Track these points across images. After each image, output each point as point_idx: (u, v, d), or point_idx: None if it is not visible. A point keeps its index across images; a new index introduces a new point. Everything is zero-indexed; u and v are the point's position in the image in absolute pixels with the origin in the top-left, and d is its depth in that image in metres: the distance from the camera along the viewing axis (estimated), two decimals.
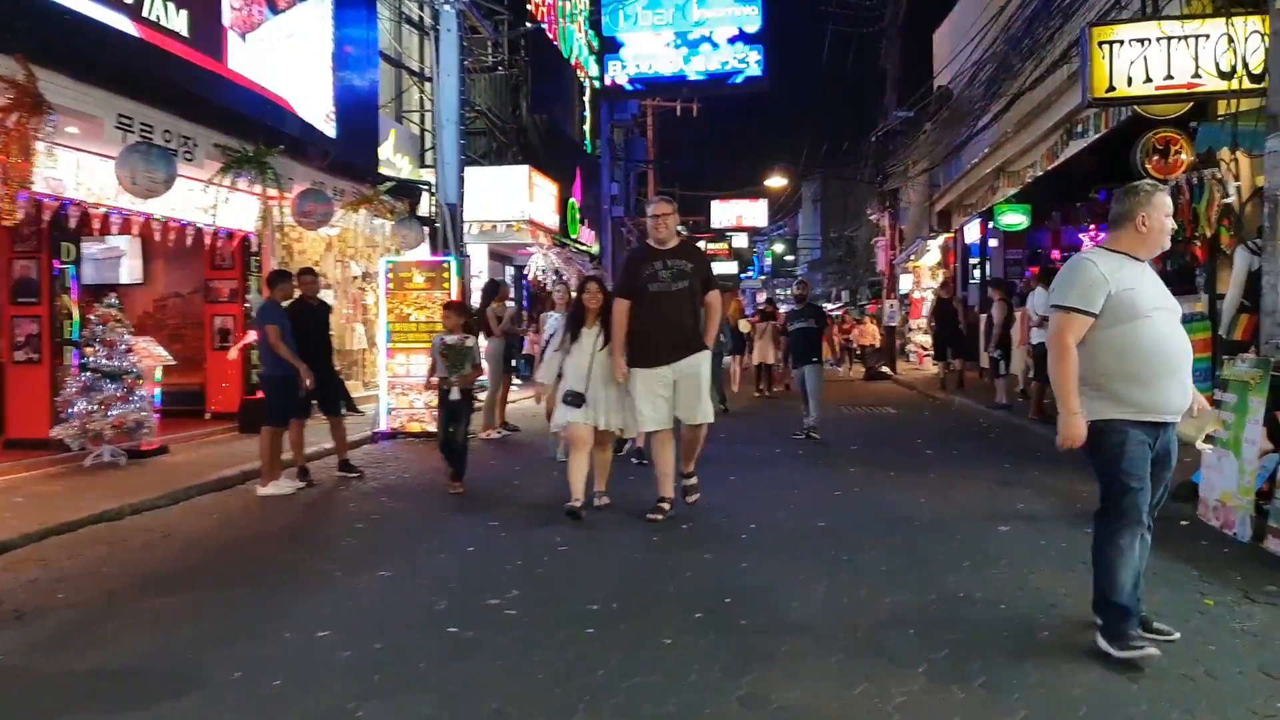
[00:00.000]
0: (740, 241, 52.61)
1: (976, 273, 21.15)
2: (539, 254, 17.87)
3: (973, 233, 20.05)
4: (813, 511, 6.37)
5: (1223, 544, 5.23)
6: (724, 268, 45.51)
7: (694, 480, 6.34)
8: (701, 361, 6.05)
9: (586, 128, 23.65)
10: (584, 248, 20.81)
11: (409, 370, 11.09)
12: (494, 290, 11.21)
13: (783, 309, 23.27)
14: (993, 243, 19.80)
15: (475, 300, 11.72)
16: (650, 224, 6.15)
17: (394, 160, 14.48)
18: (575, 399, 6.06)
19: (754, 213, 38.77)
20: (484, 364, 11.46)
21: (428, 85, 15.65)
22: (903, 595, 4.43)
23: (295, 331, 7.53)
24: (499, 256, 19.02)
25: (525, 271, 18.06)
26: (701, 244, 43.20)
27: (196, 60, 8.07)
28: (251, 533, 6.18)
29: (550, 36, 20.14)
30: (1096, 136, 11.35)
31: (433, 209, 11.30)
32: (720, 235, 41.21)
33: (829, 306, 36.04)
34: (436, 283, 11.00)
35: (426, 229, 11.45)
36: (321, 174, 10.06)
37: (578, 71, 22.48)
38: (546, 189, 16.97)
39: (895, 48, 22.06)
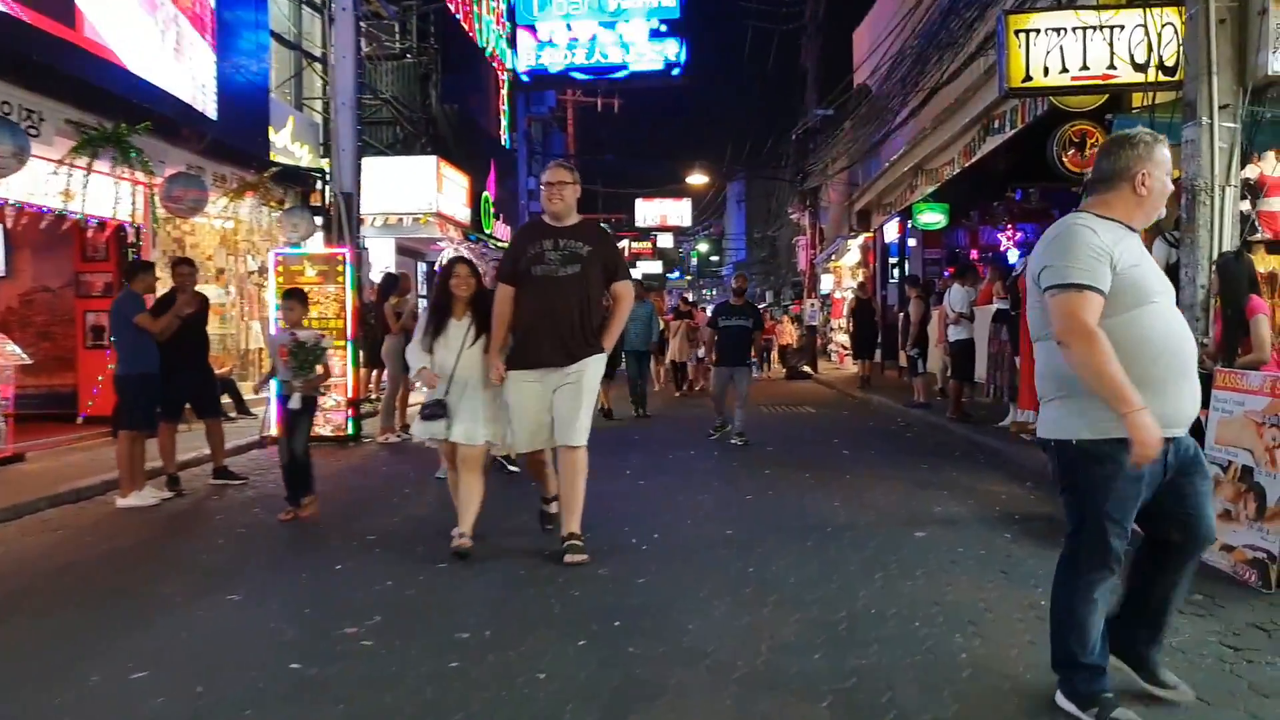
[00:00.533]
0: (666, 241, 52.34)
1: (896, 272, 21.18)
2: (449, 249, 17.18)
3: (892, 232, 20.05)
4: (722, 518, 5.95)
5: None
6: (649, 267, 45.15)
7: (579, 542, 4.86)
8: (588, 366, 4.92)
9: (505, 121, 23.03)
10: (500, 244, 20.15)
11: None
12: (393, 284, 10.57)
13: (708, 309, 23.05)
14: (911, 242, 19.83)
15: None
16: (544, 194, 5.03)
17: (292, 148, 13.69)
18: (434, 410, 4.97)
19: (678, 212, 38.55)
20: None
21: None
22: (810, 612, 4.02)
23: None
24: (408, 252, 18.28)
25: (436, 267, 17.37)
26: (624, 243, 43.03)
27: (41, 25, 7.27)
28: (97, 551, 5.48)
29: (465, 27, 19.48)
30: (1013, 132, 11.24)
31: (329, 198, 10.61)
32: (645, 234, 40.87)
33: None
34: (330, 276, 10.32)
35: (320, 219, 10.74)
36: (199, 157, 9.30)
37: (494, 64, 21.85)
38: (457, 181, 16.31)
39: (815, 45, 21.98)
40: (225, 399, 11.41)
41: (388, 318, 10.28)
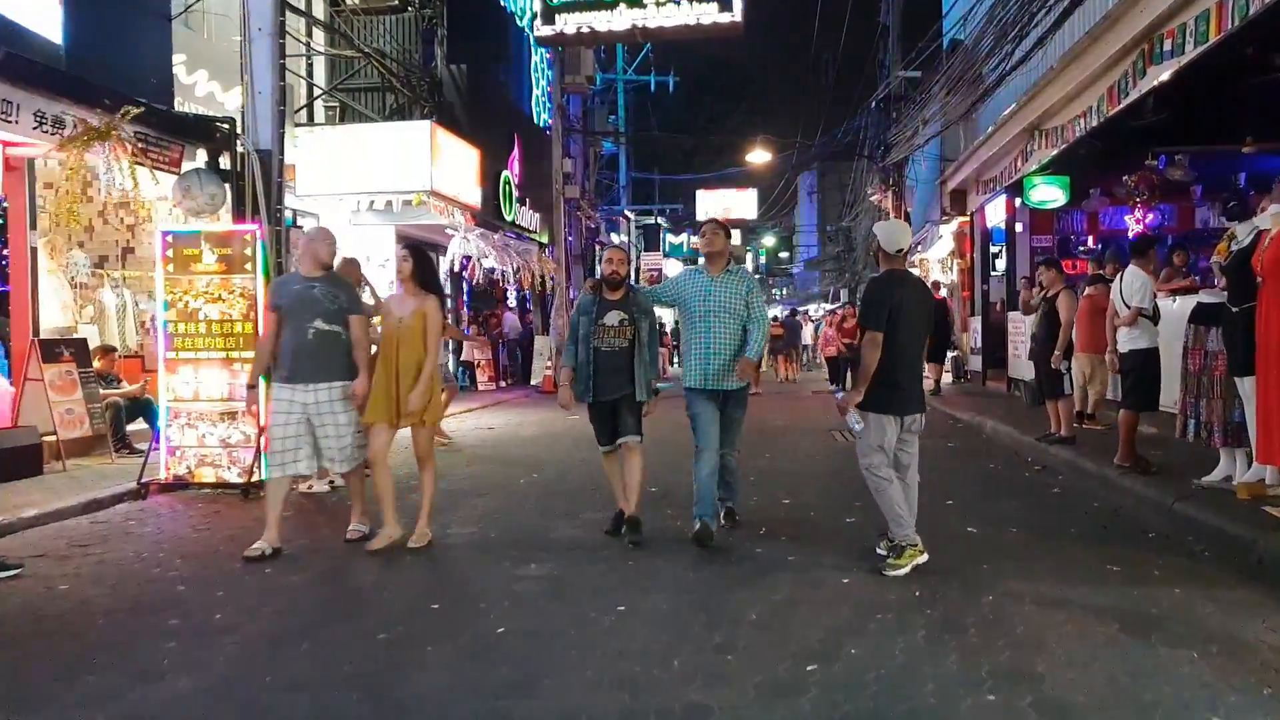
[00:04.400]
0: (734, 239, 48.73)
1: (1000, 263, 17.65)
2: (458, 238, 14.36)
3: (995, 214, 16.48)
4: None
5: None
6: None
7: None
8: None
9: (538, 94, 20.15)
10: (528, 233, 17.29)
11: (198, 390, 7.61)
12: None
13: (774, 311, 19.95)
14: (1018, 227, 16.24)
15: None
16: None
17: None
18: None
19: (743, 203, 35.17)
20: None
21: (302, 22, 12.17)
22: None
23: None
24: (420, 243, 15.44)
25: (448, 261, 14.53)
26: (683, 238, 39.55)
27: None
28: None
29: None
30: (1199, 51, 7.82)
31: (248, 160, 7.80)
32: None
33: (827, 308, 32.02)
34: (236, 263, 7.52)
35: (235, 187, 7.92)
36: (21, 90, 6.52)
37: (524, 27, 19.01)
38: (463, 155, 13.43)
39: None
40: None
41: None
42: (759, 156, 21.26)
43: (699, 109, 33.72)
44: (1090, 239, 16.68)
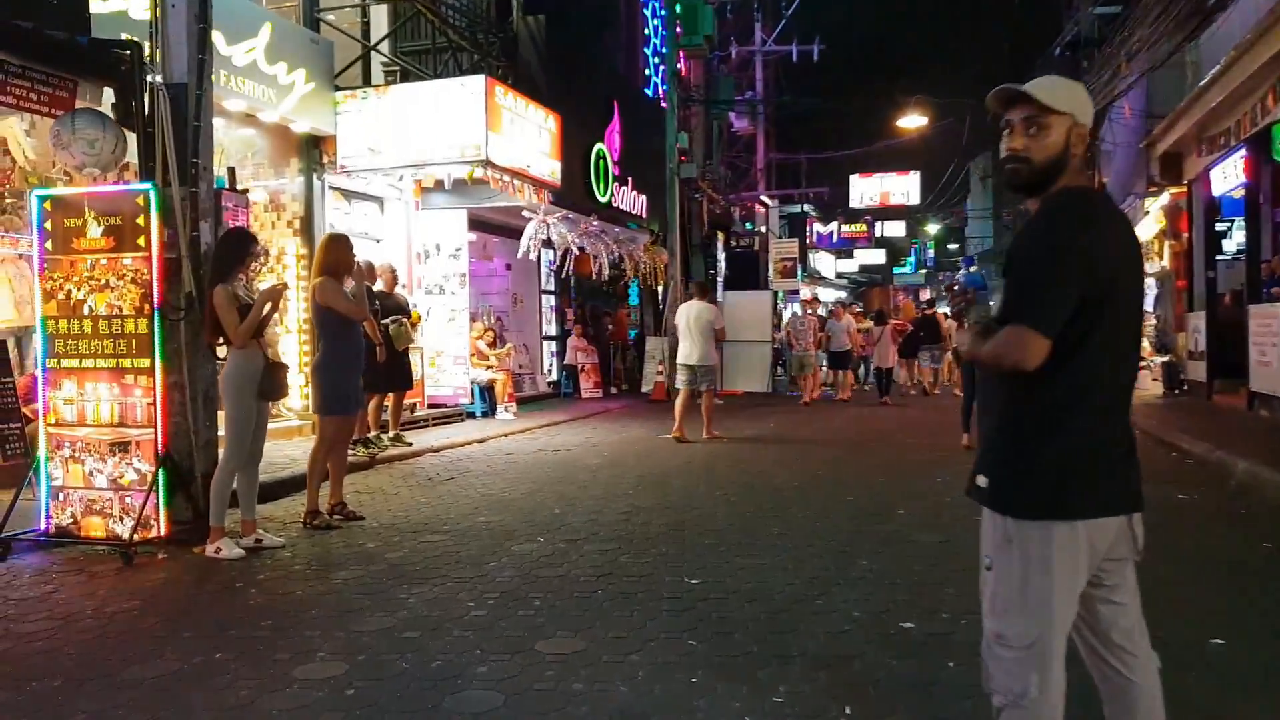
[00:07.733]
0: (895, 230, 44.67)
1: (1227, 243, 13.83)
2: (535, 221, 12.11)
3: (1227, 179, 12.69)
4: None
5: None
6: (868, 257, 38.04)
7: None
8: None
9: (653, 60, 17.70)
10: (629, 218, 14.87)
11: (83, 411, 5.59)
12: (237, 251, 5.53)
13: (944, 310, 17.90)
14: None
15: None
16: None
17: (266, 68, 9.14)
18: None
19: (904, 187, 31.43)
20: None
21: None
22: None
23: None
24: (495, 229, 13.36)
25: (522, 248, 12.30)
26: (833, 226, 35.93)
27: None
28: None
29: None
30: None
31: (157, 97, 5.72)
32: (859, 216, 33.77)
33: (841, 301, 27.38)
34: (127, 238, 5.46)
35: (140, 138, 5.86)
36: None
37: None
38: (532, 119, 11.11)
39: None
40: None
41: (219, 310, 5.26)
42: (913, 121, 18.05)
43: (851, 88, 30.36)
44: None
